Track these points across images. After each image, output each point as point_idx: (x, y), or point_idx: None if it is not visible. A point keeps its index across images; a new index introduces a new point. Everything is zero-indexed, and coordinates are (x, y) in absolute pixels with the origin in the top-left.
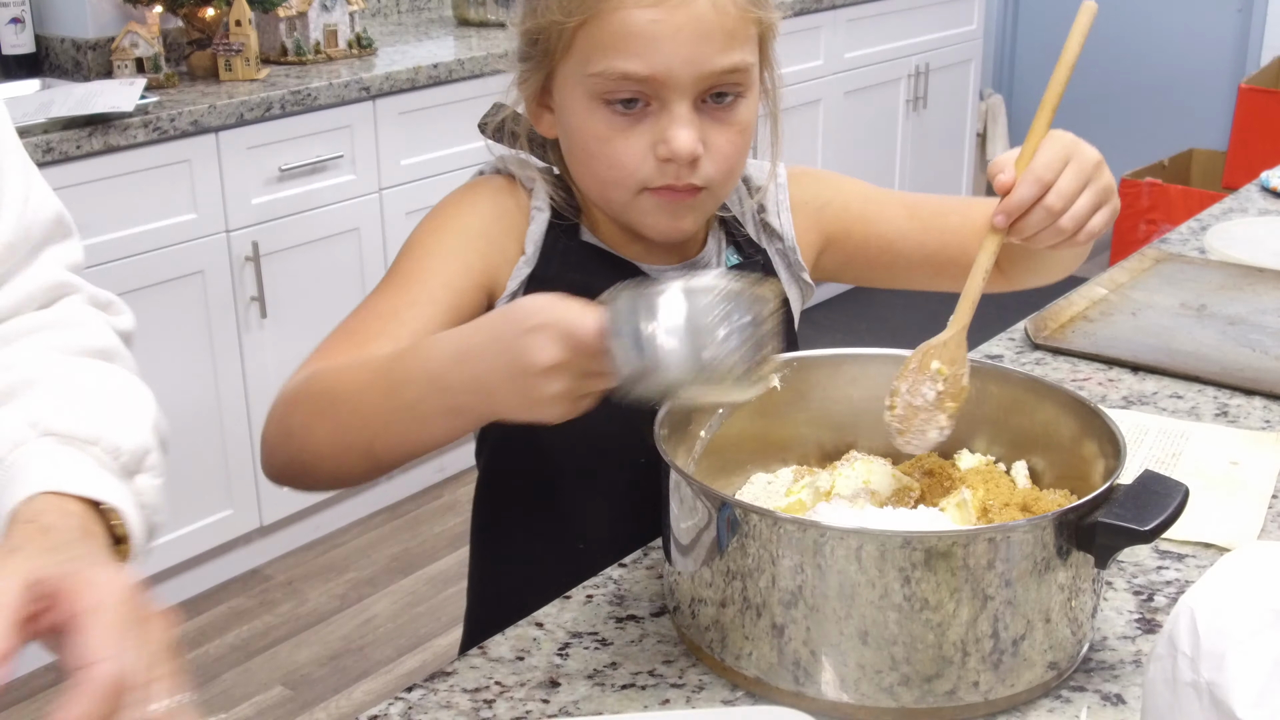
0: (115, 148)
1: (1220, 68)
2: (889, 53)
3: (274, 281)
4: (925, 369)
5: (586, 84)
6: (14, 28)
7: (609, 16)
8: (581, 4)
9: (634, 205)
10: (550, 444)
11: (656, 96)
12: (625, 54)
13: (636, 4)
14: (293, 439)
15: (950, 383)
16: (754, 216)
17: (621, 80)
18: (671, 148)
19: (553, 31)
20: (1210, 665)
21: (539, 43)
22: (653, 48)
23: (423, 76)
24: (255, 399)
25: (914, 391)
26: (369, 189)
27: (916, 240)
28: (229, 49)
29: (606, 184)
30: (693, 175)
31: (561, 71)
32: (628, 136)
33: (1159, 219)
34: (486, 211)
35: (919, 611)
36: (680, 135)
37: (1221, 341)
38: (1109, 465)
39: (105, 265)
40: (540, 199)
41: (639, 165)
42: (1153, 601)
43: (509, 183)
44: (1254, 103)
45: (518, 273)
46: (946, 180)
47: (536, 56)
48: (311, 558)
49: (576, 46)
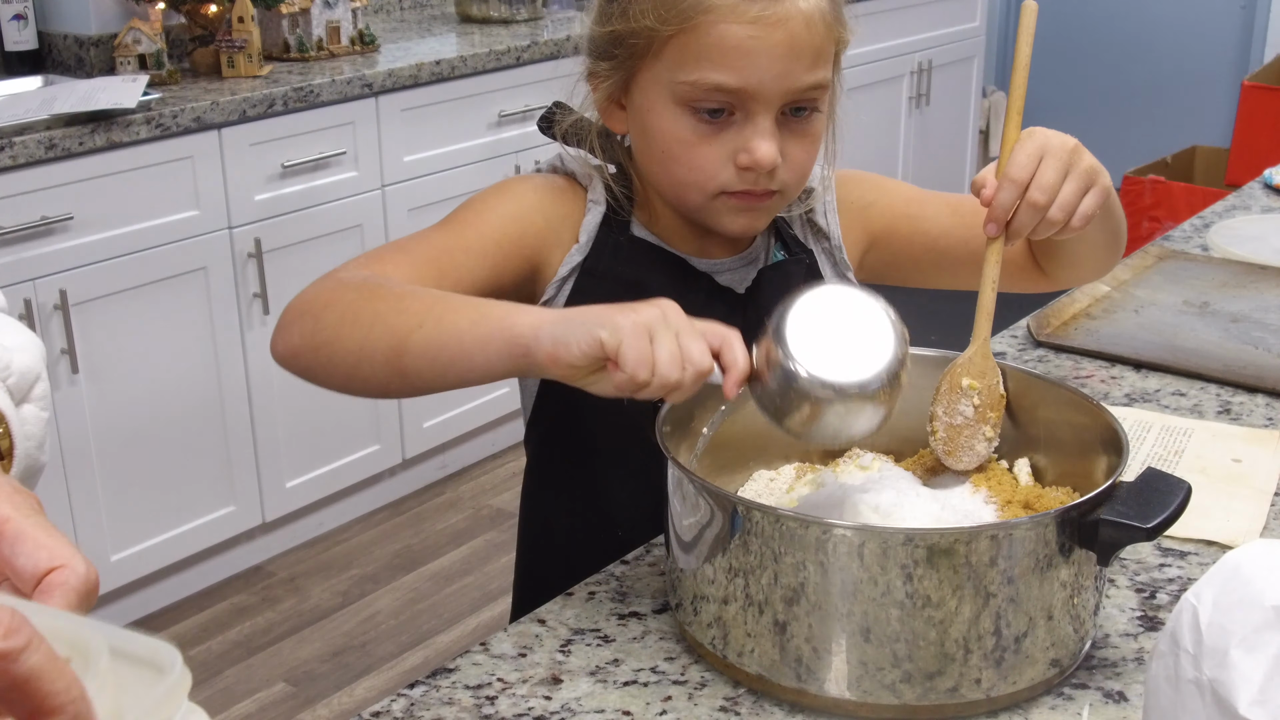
0: (118, 144)
1: (1224, 65)
2: (891, 50)
3: (277, 278)
4: (957, 388)
5: (675, 89)
6: (17, 24)
7: (707, 29)
8: (679, 13)
9: (710, 206)
10: (589, 429)
11: (742, 107)
12: (719, 66)
13: (736, 19)
14: (319, 334)
15: (985, 394)
16: (801, 216)
17: (712, 91)
18: (754, 158)
19: (643, 36)
20: (1213, 662)
21: (625, 44)
22: (746, 62)
23: (425, 73)
24: (258, 396)
25: (951, 412)
26: (371, 186)
27: (960, 237)
28: (231, 45)
29: (685, 185)
30: (770, 182)
31: (646, 73)
32: (710, 143)
33: (1162, 216)
34: (545, 195)
35: (921, 609)
36: (763, 147)
37: (1224, 339)
38: (1111, 463)
39: (108, 262)
40: (596, 193)
41: (719, 171)
42: (1155, 599)
43: (568, 180)
44: (1257, 100)
45: (570, 259)
46: (949, 177)
47: (620, 56)
48: (314, 554)
49: (668, 53)
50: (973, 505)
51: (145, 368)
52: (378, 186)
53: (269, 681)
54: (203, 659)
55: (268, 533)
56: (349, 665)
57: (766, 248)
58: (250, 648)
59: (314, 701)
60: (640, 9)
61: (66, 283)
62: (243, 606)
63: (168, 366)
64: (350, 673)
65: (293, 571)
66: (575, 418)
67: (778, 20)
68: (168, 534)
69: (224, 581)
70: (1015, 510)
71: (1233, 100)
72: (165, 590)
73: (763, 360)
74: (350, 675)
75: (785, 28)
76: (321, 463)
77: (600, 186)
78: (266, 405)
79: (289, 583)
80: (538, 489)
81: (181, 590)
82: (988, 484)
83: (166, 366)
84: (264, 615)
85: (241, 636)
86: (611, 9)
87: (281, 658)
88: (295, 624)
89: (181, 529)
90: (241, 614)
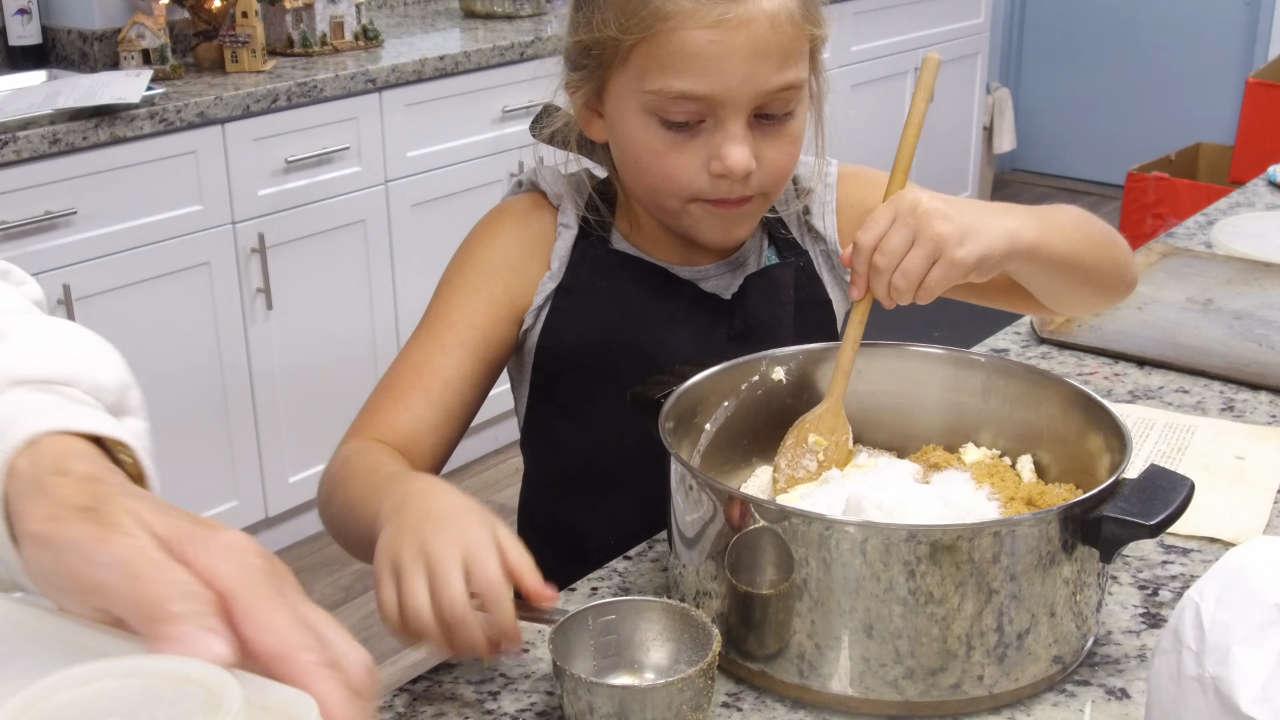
0: (121, 139)
1: (1228, 61)
2: (896, 45)
3: (280, 273)
4: (803, 442)
5: (642, 99)
6: (21, 19)
7: (667, 36)
8: (639, 22)
9: (686, 213)
10: (575, 447)
11: (711, 113)
12: (683, 74)
13: (696, 24)
14: (334, 522)
15: (831, 450)
16: (799, 218)
17: (679, 99)
18: (726, 165)
19: (608, 45)
20: (1215, 660)
21: (592, 54)
22: (711, 67)
23: (429, 68)
24: (261, 391)
25: (794, 465)
26: (375, 181)
27: None
28: (235, 40)
29: (659, 194)
30: (746, 188)
31: (615, 82)
32: (682, 151)
33: (1166, 213)
34: (508, 240)
35: (924, 605)
36: (734, 153)
37: (1228, 336)
38: (1114, 459)
39: (111, 256)
40: (568, 215)
41: (692, 179)
42: (1158, 596)
43: (536, 201)
44: (1262, 97)
45: (543, 287)
46: (953, 174)
47: (590, 66)
48: (317, 549)
49: (633, 62)
50: (975, 502)
51: (148, 363)
52: (381, 182)
53: None
54: None
55: (271, 527)
56: None
57: (758, 251)
58: None
59: None
60: (603, 18)
61: (70, 277)
62: None
63: (171, 361)
64: None
65: (296, 566)
66: (568, 427)
67: (740, 22)
68: None
69: None
70: (1018, 507)
71: (1237, 97)
72: None
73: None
74: None
75: (748, 30)
76: (324, 458)
77: (571, 209)
78: (269, 400)
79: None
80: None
81: None
82: (990, 481)
83: (170, 361)
84: None
85: None
86: (579, 18)
87: None
88: None
89: None
90: None
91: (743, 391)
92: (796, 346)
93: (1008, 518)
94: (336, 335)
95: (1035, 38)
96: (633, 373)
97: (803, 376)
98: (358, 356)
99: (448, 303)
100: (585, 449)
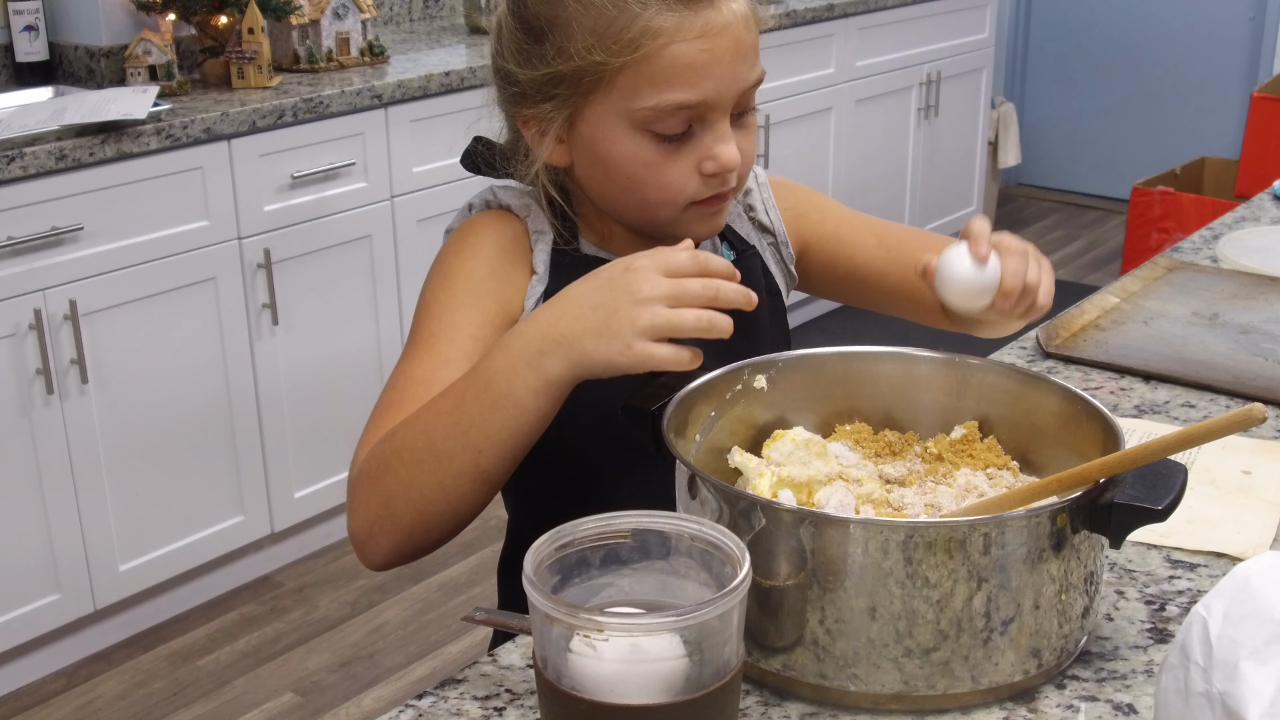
0: (128, 155)
1: (1233, 76)
2: (900, 61)
3: (286, 288)
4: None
5: (634, 116)
6: (28, 35)
7: (658, 53)
8: (627, 43)
9: (680, 219)
10: (570, 440)
11: (700, 119)
12: (678, 86)
13: (684, 37)
14: (393, 506)
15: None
16: (744, 215)
17: (675, 110)
18: (721, 163)
19: (591, 71)
20: (1223, 675)
21: (568, 82)
22: (703, 75)
23: (434, 84)
24: (267, 406)
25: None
26: (381, 196)
27: (880, 269)
28: (241, 56)
29: (655, 205)
30: (732, 181)
31: (596, 106)
32: (675, 159)
33: (1171, 228)
34: (489, 250)
35: (921, 589)
36: (727, 152)
37: (1234, 350)
38: None
39: (117, 272)
40: (539, 222)
41: (686, 183)
42: (1165, 611)
43: (502, 215)
44: (1266, 111)
45: (532, 291)
46: (957, 189)
47: (563, 95)
48: (322, 564)
49: (620, 83)
50: (975, 500)
51: (155, 378)
52: (387, 197)
53: (277, 692)
54: (211, 669)
55: (276, 543)
56: (357, 676)
57: (713, 247)
58: (258, 658)
59: (322, 712)
60: (583, 46)
61: (76, 293)
62: (251, 616)
63: (177, 377)
64: (358, 683)
65: (301, 582)
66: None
67: (721, 28)
68: (176, 544)
69: (232, 591)
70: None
71: (1242, 112)
72: (174, 600)
73: None
74: (358, 686)
75: (729, 33)
76: (330, 473)
77: (541, 217)
78: (275, 416)
79: (297, 593)
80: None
81: (190, 600)
82: (989, 481)
83: (175, 377)
84: (272, 625)
85: (250, 647)
86: (544, 50)
87: (290, 668)
88: (303, 634)
89: (190, 539)
90: (250, 624)
91: (726, 400)
92: (776, 354)
93: (1009, 514)
94: (342, 350)
95: (1040, 52)
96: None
97: (797, 379)
98: (364, 372)
99: (440, 320)
100: (574, 453)
